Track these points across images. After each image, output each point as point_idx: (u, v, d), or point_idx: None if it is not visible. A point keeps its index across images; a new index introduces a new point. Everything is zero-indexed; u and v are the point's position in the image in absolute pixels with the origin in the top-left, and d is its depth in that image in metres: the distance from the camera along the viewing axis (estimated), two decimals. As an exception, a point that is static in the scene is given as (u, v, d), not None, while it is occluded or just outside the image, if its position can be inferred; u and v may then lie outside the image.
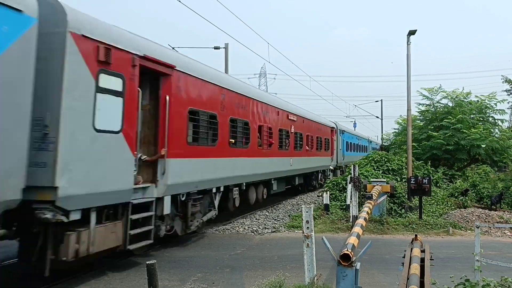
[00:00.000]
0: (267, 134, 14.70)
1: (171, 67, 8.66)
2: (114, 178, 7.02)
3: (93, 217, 6.61)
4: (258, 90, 14.97)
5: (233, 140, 11.69)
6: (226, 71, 22.88)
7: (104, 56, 6.78)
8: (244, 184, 13.01)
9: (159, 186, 8.39)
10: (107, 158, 6.89)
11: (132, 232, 7.49)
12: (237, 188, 12.59)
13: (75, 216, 6.26)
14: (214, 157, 10.63)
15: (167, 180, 8.46)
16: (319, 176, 24.28)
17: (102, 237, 6.77)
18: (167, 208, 8.58)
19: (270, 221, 13.51)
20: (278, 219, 13.94)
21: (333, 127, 27.09)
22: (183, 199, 9.42)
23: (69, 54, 6.18)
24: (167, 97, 8.50)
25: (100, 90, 6.73)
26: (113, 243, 7.07)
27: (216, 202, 11.22)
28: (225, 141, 11.23)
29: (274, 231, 12.03)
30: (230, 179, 11.77)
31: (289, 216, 14.61)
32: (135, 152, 7.68)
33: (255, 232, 11.82)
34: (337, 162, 27.85)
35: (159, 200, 8.41)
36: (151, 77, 8.54)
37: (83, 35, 6.42)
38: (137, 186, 7.83)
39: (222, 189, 11.33)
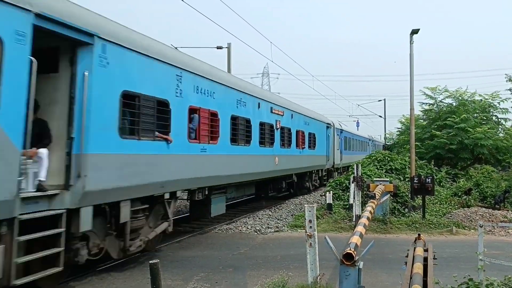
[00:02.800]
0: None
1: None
2: None
3: None
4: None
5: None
6: (229, 70, 22.91)
7: None
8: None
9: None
10: None
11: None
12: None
13: None
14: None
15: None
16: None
17: None
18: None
19: (273, 221, 13.51)
20: (281, 219, 13.94)
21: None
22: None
23: None
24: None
25: None
26: None
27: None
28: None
29: (277, 231, 12.04)
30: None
31: (292, 215, 14.61)
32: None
33: (258, 232, 11.82)
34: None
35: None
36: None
37: None
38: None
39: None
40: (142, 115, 7.77)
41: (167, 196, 8.70)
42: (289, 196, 20.00)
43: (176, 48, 13.60)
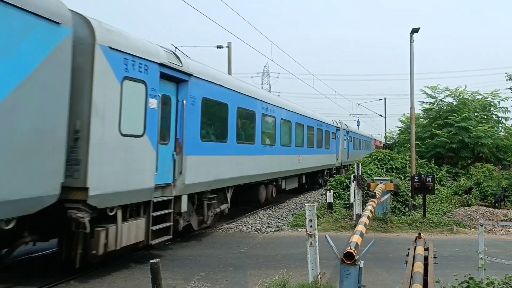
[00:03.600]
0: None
1: None
2: None
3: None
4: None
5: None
6: (229, 70, 22.90)
7: None
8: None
9: None
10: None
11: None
12: None
13: None
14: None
15: None
16: None
17: None
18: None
19: (273, 220, 13.52)
20: (282, 218, 13.95)
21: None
22: None
23: None
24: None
25: None
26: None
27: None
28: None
29: (277, 230, 12.04)
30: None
31: (292, 215, 14.62)
32: None
33: (258, 231, 11.83)
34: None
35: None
36: None
37: None
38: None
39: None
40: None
41: None
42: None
43: (176, 47, 13.57)
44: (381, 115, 47.92)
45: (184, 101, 9.19)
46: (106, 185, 6.78)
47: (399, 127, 32.70)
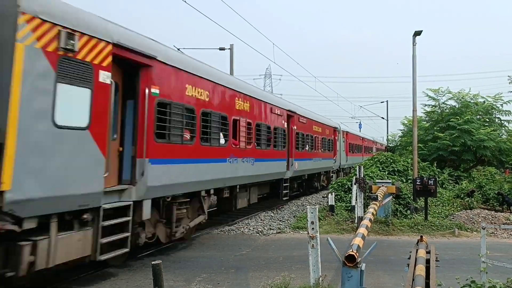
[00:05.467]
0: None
1: None
2: None
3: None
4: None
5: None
6: (231, 72, 22.93)
7: None
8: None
9: None
10: None
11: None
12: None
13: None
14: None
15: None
16: None
17: None
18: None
19: (275, 222, 13.51)
20: (283, 220, 13.94)
21: None
22: None
23: None
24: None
25: None
26: None
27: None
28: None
29: (279, 232, 12.03)
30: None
31: (294, 217, 14.60)
32: None
33: (260, 233, 11.82)
34: None
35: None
36: None
37: None
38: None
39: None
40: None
41: None
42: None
43: (178, 49, 13.59)
44: (383, 118, 47.86)
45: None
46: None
47: (401, 129, 32.70)
